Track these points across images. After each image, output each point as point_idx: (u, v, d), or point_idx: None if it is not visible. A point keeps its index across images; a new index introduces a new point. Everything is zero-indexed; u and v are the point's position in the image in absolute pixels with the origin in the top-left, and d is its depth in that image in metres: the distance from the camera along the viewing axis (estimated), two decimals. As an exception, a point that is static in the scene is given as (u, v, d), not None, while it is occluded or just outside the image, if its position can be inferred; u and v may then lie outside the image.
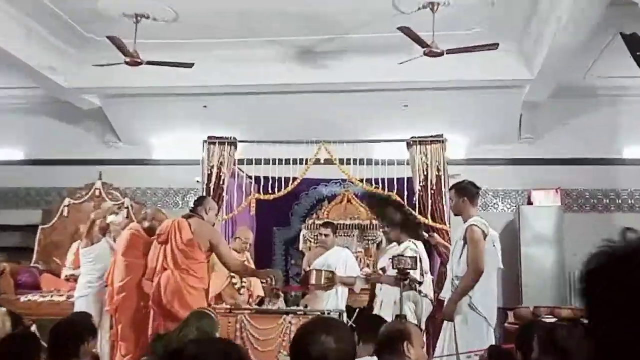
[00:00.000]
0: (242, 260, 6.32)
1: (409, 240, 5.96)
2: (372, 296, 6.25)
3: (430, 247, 6.70)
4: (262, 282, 6.59)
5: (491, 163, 9.14)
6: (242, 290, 6.55)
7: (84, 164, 9.59)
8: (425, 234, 6.12)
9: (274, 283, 5.98)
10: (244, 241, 6.73)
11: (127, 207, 8.60)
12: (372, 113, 8.69)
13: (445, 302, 4.83)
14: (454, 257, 4.88)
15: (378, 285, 6.08)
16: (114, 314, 5.96)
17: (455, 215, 5.17)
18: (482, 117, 8.66)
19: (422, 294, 5.88)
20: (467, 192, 4.98)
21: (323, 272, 6.47)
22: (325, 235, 6.81)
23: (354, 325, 5.33)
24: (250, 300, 6.64)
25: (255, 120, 8.85)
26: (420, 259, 5.58)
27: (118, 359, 5.85)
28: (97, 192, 9.06)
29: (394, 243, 6.05)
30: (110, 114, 9.40)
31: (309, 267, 6.75)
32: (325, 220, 7.93)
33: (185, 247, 5.41)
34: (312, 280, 6.50)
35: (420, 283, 5.79)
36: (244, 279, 6.51)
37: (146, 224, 6.13)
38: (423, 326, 5.86)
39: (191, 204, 9.51)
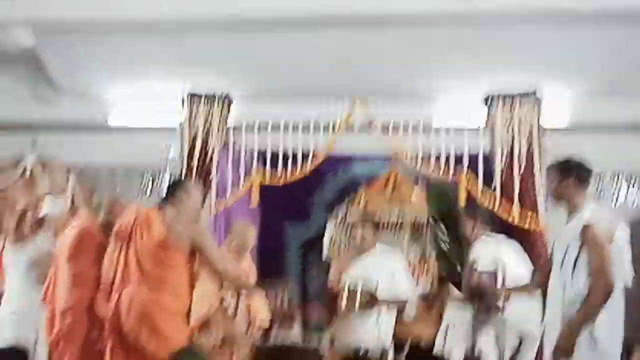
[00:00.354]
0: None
1: (485, 236, 5.99)
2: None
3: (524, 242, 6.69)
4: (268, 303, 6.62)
5: (609, 130, 9.03)
6: (237, 317, 6.56)
7: (9, 128, 9.64)
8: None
9: (283, 303, 6.00)
10: (242, 243, 6.72)
11: (72, 192, 8.64)
12: (431, 56, 8.61)
13: (560, 333, 4.81)
14: (566, 267, 4.86)
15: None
16: (54, 347, 6.02)
17: (555, 205, 5.18)
18: (596, 61, 8.55)
19: (508, 324, 5.88)
20: (575, 172, 4.98)
21: (359, 293, 6.47)
22: (364, 239, 6.80)
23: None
24: (251, 329, 6.66)
25: (257, 66, 8.82)
26: (504, 269, 5.57)
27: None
28: (28, 170, 9.10)
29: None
30: (46, 57, 9.42)
31: (340, 281, 6.74)
32: (363, 214, 7.91)
33: (156, 249, 5.45)
34: (343, 304, 6.50)
35: (499, 310, 5.78)
36: (240, 301, 6.53)
37: (100, 217, 6.18)
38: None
39: (165, 189, 9.66)
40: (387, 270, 6.65)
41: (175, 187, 5.84)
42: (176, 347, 5.21)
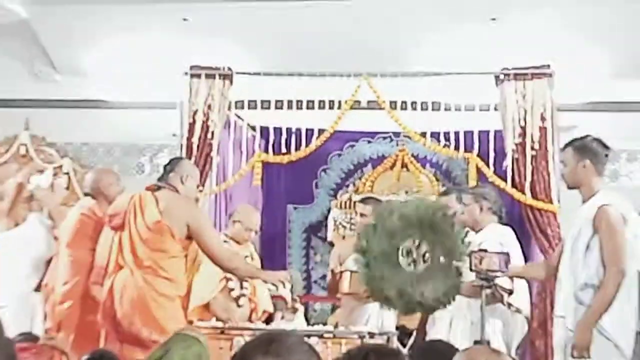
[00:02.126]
0: (243, 256, 6.31)
1: (493, 225, 5.91)
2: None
3: (527, 233, 6.66)
4: (270, 290, 6.59)
5: (627, 109, 8.97)
6: (241, 301, 6.54)
7: (2, 106, 9.61)
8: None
9: (288, 290, 5.97)
10: (247, 226, 6.68)
11: (67, 172, 8.62)
12: (441, 31, 8.55)
13: (576, 328, 4.76)
14: (576, 254, 4.83)
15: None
16: (56, 333, 6.01)
17: (570, 187, 5.14)
18: (613, 36, 8.47)
19: (512, 308, 5.86)
20: (591, 153, 4.96)
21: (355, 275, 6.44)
22: (362, 215, 6.76)
23: (409, 356, 5.30)
24: (254, 315, 6.64)
25: (261, 41, 8.77)
26: (508, 255, 5.53)
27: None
28: (22, 150, 9.08)
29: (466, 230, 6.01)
30: (42, 30, 9.38)
31: (341, 266, 6.72)
32: (367, 195, 7.87)
33: (150, 233, 5.43)
34: (346, 287, 6.47)
35: (510, 292, 5.76)
36: (244, 284, 6.51)
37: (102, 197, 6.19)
38: (514, 353, 5.90)
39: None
40: None
41: (170, 168, 5.78)
42: (170, 333, 5.19)
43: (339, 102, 7.55)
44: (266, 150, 7.75)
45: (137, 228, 5.46)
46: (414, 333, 6.88)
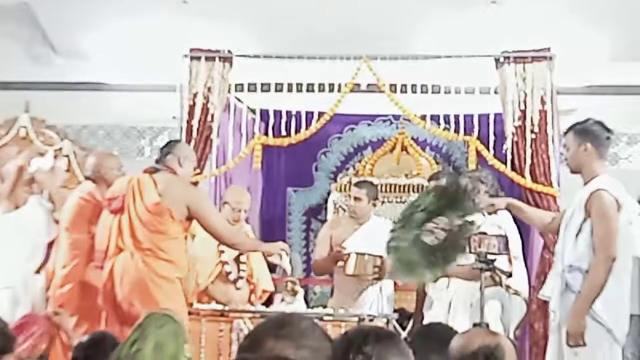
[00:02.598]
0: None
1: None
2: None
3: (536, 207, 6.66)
4: (270, 269, 6.62)
5: (627, 92, 8.96)
6: (239, 283, 6.56)
7: (2, 88, 9.60)
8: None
9: (287, 262, 5.98)
10: (234, 206, 6.65)
11: (67, 155, 8.63)
12: (441, 14, 8.54)
13: (570, 316, 4.77)
14: (567, 236, 4.85)
15: (442, 281, 6.05)
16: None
17: (572, 172, 5.14)
18: (615, 19, 8.46)
19: (511, 291, 5.86)
20: (593, 136, 4.95)
21: (369, 257, 6.45)
22: (357, 199, 6.76)
23: (408, 339, 5.33)
24: (253, 297, 6.67)
25: (261, 24, 8.76)
26: (507, 238, 5.54)
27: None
28: (22, 132, 9.09)
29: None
30: (41, 13, 9.36)
31: (334, 246, 6.70)
32: (362, 179, 7.85)
33: (149, 215, 5.45)
34: (351, 269, 6.48)
35: (509, 275, 5.78)
36: (241, 266, 6.53)
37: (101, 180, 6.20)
38: (512, 335, 5.92)
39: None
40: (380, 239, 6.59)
41: (167, 151, 5.79)
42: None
43: (339, 85, 7.55)
44: (266, 133, 7.76)
45: (136, 211, 5.47)
46: (413, 316, 6.90)
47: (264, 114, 7.87)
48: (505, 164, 7.18)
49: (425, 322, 5.95)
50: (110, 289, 5.44)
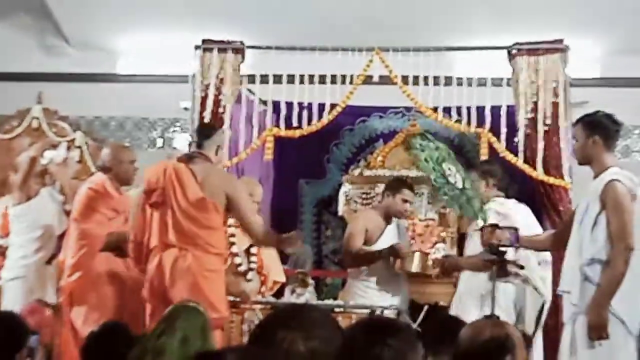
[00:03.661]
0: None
1: (493, 201, 5.99)
2: None
3: (538, 208, 6.67)
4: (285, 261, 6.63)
5: (637, 84, 8.94)
6: (249, 275, 6.56)
7: (15, 79, 9.64)
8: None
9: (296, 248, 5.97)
10: (256, 200, 6.70)
11: (79, 146, 8.65)
12: (453, 5, 8.53)
13: (591, 309, 4.74)
14: (584, 229, 4.83)
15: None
16: (67, 304, 6.07)
17: (581, 163, 5.14)
18: (628, 11, 8.43)
19: (530, 285, 5.89)
20: (602, 129, 4.92)
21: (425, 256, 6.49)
22: (406, 201, 6.67)
23: (419, 330, 5.34)
24: (264, 288, 6.68)
25: (273, 16, 8.76)
26: (518, 230, 5.54)
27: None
28: (34, 123, 9.11)
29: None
30: (54, 4, 9.39)
31: (368, 241, 6.60)
32: (399, 177, 7.75)
33: (195, 211, 5.34)
34: (415, 267, 6.45)
35: (521, 267, 5.77)
36: (252, 258, 6.52)
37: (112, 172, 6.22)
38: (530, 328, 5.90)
39: (176, 142, 9.69)
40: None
41: (205, 135, 5.65)
42: (219, 311, 5.22)
43: (351, 77, 7.53)
44: (277, 125, 7.74)
45: (179, 205, 5.34)
46: (425, 308, 6.90)
47: (276, 106, 7.86)
48: (517, 155, 7.16)
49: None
50: (159, 285, 5.33)
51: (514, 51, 7.35)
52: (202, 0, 8.87)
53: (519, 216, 6.08)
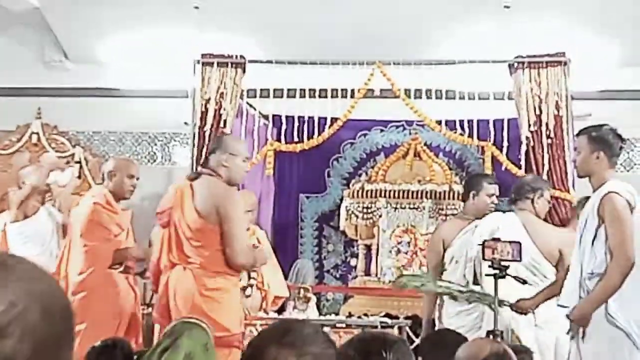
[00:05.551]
0: (257, 247, 6.26)
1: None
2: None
3: (545, 220, 6.64)
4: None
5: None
6: (248, 291, 6.55)
7: (14, 94, 9.64)
8: None
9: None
10: (248, 209, 6.61)
11: (79, 161, 8.66)
12: (455, 19, 8.54)
13: (575, 309, 4.75)
14: (584, 244, 4.81)
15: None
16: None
17: (581, 176, 5.12)
18: (629, 24, 8.44)
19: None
20: (607, 145, 4.88)
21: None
22: (492, 195, 6.38)
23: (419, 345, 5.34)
24: (264, 304, 6.67)
25: (273, 29, 8.78)
26: (521, 244, 5.52)
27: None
28: (34, 138, 9.13)
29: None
30: (53, 19, 9.41)
31: (447, 248, 6.41)
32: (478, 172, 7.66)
33: (190, 231, 5.27)
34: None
35: (524, 282, 5.77)
36: (252, 274, 6.51)
37: (109, 185, 6.18)
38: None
39: (176, 157, 9.71)
40: None
41: (216, 146, 5.45)
42: (226, 329, 5.18)
43: (352, 91, 7.55)
44: (278, 139, 7.75)
45: (180, 226, 5.30)
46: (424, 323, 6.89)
47: (276, 120, 7.87)
48: (520, 169, 7.17)
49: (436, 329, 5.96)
50: (166, 304, 5.29)
51: (515, 65, 7.37)
52: (203, 14, 8.89)
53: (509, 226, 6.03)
